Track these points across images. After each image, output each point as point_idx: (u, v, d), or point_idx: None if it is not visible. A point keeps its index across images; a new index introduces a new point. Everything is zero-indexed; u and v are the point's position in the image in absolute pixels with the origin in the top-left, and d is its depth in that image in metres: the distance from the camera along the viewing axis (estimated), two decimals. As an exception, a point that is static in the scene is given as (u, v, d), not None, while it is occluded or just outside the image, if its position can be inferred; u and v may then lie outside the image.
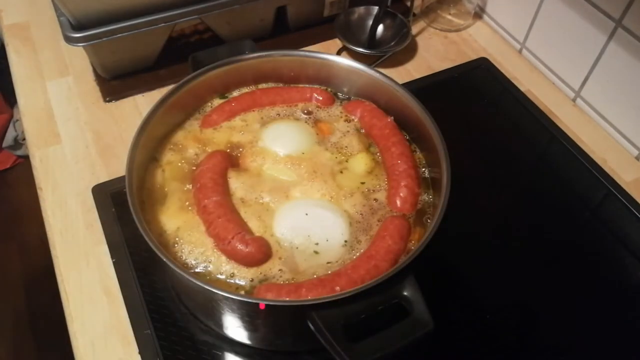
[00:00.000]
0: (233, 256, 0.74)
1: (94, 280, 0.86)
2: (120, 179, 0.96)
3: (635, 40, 1.00)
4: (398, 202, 0.81)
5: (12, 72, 1.19)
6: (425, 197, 0.83)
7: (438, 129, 0.82)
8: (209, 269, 0.74)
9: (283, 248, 0.76)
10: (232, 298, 0.65)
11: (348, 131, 0.91)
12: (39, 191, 0.98)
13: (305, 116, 0.93)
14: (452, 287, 0.87)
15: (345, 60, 0.94)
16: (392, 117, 0.90)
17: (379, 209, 0.81)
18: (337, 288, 0.69)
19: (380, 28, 1.23)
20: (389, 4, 1.21)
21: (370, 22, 1.22)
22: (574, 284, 0.90)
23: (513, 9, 1.27)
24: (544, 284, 0.90)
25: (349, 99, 0.97)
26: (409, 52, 1.26)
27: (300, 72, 0.96)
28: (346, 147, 0.89)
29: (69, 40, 1.02)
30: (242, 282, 0.73)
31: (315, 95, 0.95)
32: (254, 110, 0.93)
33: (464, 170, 0.80)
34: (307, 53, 0.96)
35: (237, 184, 0.82)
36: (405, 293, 0.66)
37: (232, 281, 0.73)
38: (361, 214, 0.80)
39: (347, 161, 0.87)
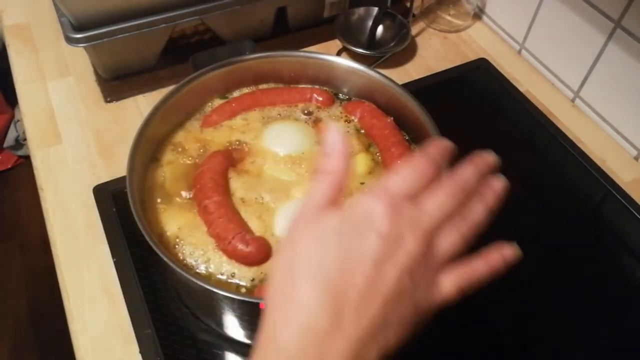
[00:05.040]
0: (234, 256, 0.74)
1: (94, 279, 0.86)
2: (121, 179, 0.96)
3: (634, 40, 1.00)
4: (398, 202, 0.81)
5: (13, 73, 1.19)
6: (425, 197, 0.83)
7: (438, 129, 0.82)
8: (210, 269, 0.74)
9: (283, 248, 0.76)
10: (232, 298, 0.66)
11: (348, 131, 0.91)
12: (40, 191, 0.98)
13: (306, 116, 0.94)
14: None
15: (345, 61, 0.94)
16: (392, 118, 0.91)
17: (378, 209, 0.81)
18: (337, 287, 0.69)
19: (380, 29, 1.23)
20: (388, 5, 1.21)
21: (370, 23, 1.22)
22: (573, 284, 0.90)
23: (512, 9, 1.27)
24: (543, 283, 0.90)
25: (349, 99, 0.97)
26: (409, 52, 1.27)
27: (300, 73, 0.96)
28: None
29: (69, 40, 1.02)
30: (242, 282, 0.73)
31: (315, 96, 0.95)
32: (254, 110, 0.93)
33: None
34: (307, 54, 0.96)
35: (237, 184, 0.82)
36: (404, 292, 0.66)
37: (232, 281, 0.73)
38: (361, 214, 0.80)
39: (347, 161, 0.87)
